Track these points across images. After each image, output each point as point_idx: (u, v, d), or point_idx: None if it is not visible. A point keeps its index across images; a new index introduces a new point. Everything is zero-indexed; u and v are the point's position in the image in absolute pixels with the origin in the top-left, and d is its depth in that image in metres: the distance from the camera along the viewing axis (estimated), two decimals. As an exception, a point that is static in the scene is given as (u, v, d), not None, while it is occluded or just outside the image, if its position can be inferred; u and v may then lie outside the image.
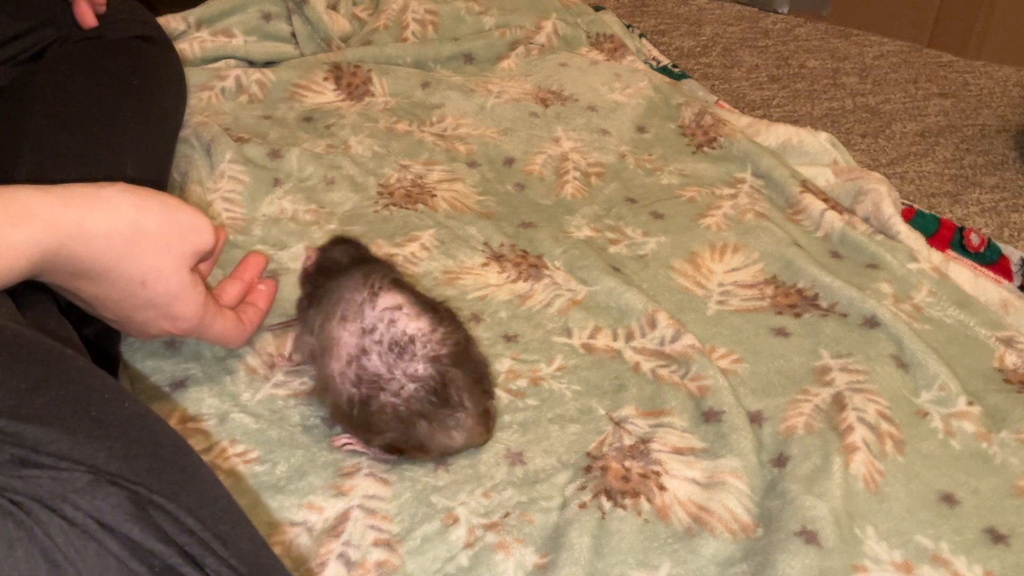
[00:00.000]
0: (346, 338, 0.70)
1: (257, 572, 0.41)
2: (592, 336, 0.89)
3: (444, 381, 0.69)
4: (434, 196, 1.08)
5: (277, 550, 0.66)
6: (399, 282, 0.73)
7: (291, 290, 0.91)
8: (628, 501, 0.71)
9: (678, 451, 0.76)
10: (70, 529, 0.35)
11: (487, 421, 0.74)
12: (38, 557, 0.34)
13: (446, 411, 0.70)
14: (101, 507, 0.36)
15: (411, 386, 0.68)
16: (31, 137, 0.85)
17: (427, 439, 0.71)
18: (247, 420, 0.76)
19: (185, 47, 1.29)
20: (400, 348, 0.69)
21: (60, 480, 0.36)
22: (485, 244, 1.00)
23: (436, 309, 0.72)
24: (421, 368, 0.69)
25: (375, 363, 0.69)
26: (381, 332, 0.69)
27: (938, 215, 1.16)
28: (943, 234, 1.12)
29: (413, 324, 0.69)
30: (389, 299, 0.70)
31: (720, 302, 0.95)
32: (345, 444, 0.74)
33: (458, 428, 0.71)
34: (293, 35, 1.39)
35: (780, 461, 0.76)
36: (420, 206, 1.06)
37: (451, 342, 0.70)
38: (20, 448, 0.37)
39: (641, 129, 1.27)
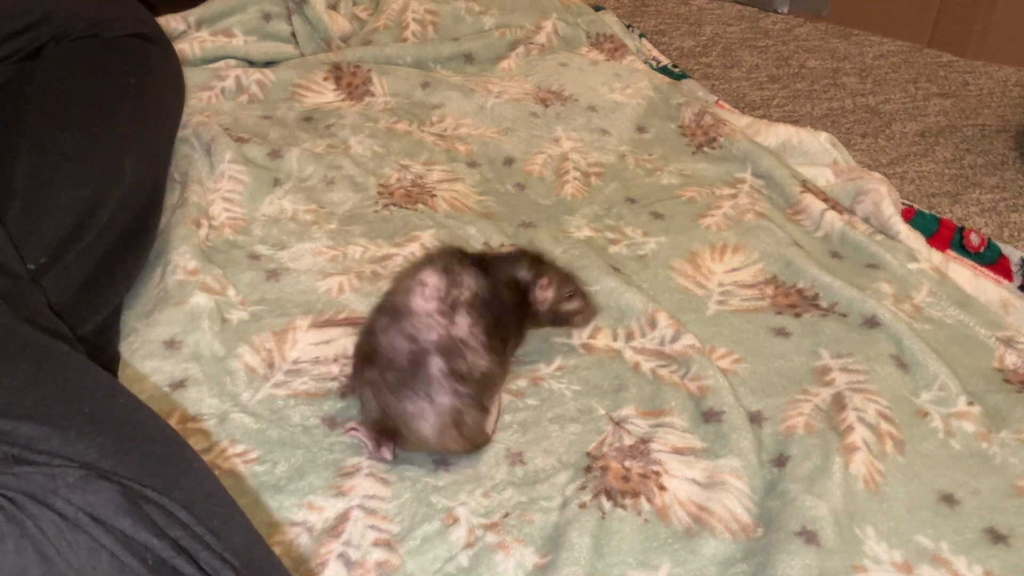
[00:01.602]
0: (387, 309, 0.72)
1: (251, 566, 0.41)
2: (592, 336, 0.89)
3: (417, 363, 0.67)
4: (434, 196, 1.08)
5: (277, 550, 0.66)
6: (449, 269, 0.71)
7: (292, 289, 0.91)
8: (628, 501, 0.71)
9: (678, 451, 0.76)
10: (62, 523, 0.35)
11: (459, 428, 0.70)
12: (29, 550, 0.34)
13: (408, 394, 0.68)
14: (93, 501, 0.36)
15: (386, 358, 0.68)
16: (28, 136, 0.85)
17: (398, 420, 0.69)
18: (247, 420, 0.76)
19: (185, 47, 1.29)
20: (392, 315, 0.69)
21: (52, 476, 0.36)
22: (485, 244, 1.00)
23: (473, 305, 0.69)
24: (398, 341, 0.68)
25: (379, 332, 0.69)
26: (395, 299, 0.70)
27: (938, 215, 1.16)
28: (943, 234, 1.12)
29: (419, 301, 0.68)
30: (426, 274, 0.70)
31: (720, 302, 0.95)
32: (350, 430, 0.74)
33: (421, 419, 0.68)
34: (293, 35, 1.39)
35: (780, 461, 0.76)
36: (420, 206, 1.06)
37: (444, 330, 0.67)
38: (12, 446, 0.37)
39: (641, 129, 1.27)
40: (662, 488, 0.73)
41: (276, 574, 0.45)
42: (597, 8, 1.61)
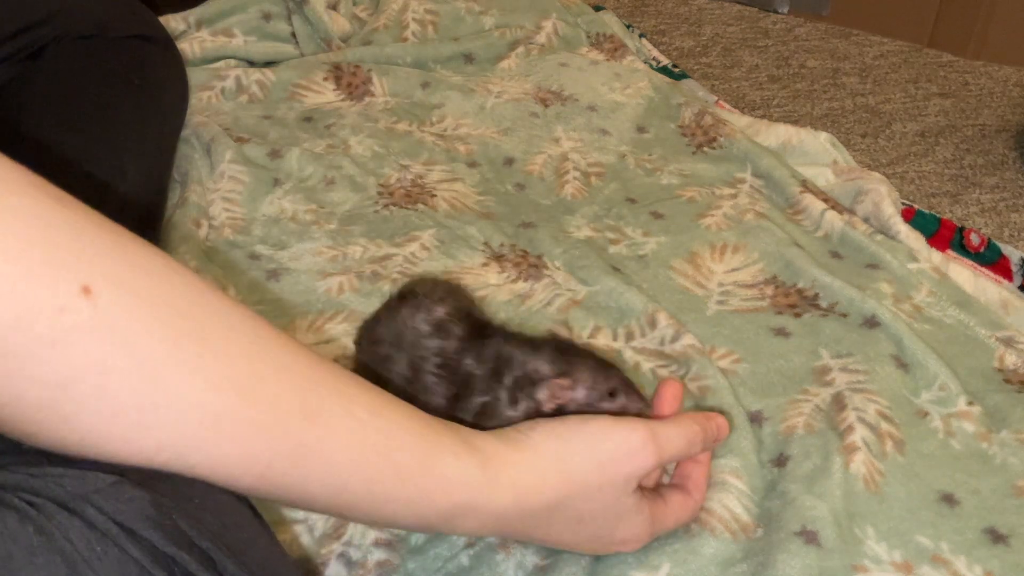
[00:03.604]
0: None
1: None
2: (592, 336, 0.89)
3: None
4: (434, 196, 1.08)
5: (277, 550, 0.66)
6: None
7: (292, 289, 0.91)
8: (628, 501, 0.71)
9: (678, 451, 0.76)
10: (91, 533, 0.34)
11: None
12: (59, 563, 0.33)
13: None
14: (123, 510, 0.35)
15: None
16: (30, 137, 0.85)
17: None
18: (247, 420, 0.76)
19: (185, 47, 1.29)
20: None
21: (83, 480, 0.35)
22: (485, 244, 1.00)
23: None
24: None
25: None
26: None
27: (938, 215, 1.16)
28: (943, 234, 1.12)
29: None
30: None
31: (720, 302, 0.95)
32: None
33: None
34: (293, 35, 1.39)
35: (780, 461, 0.76)
36: (420, 206, 1.06)
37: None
38: None
39: (641, 129, 1.27)
40: (662, 488, 0.72)
41: None
42: (597, 8, 1.61)
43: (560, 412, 0.63)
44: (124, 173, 0.88)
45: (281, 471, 0.41)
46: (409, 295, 0.68)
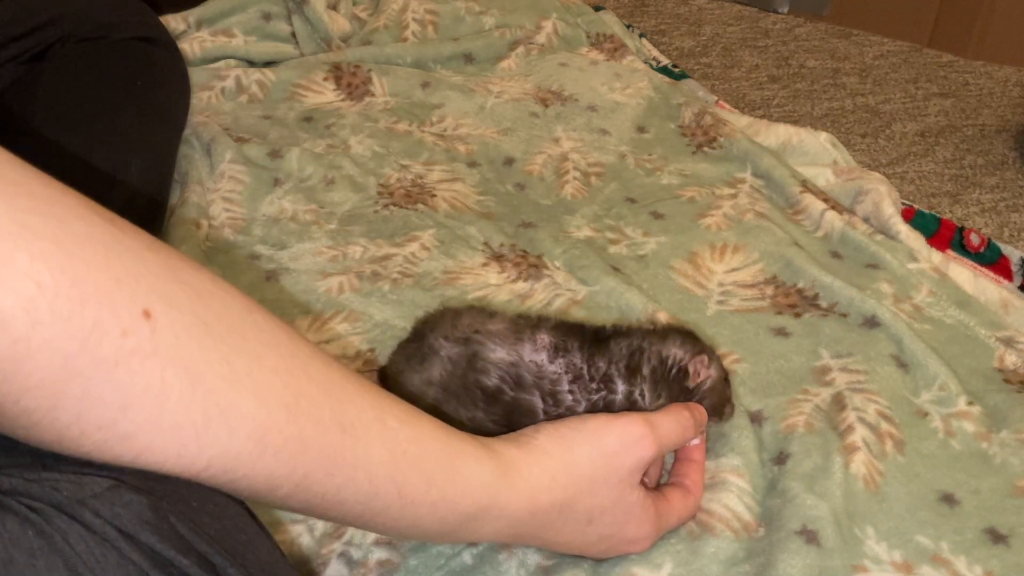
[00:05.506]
0: None
1: None
2: (592, 336, 0.89)
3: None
4: (434, 196, 1.08)
5: (278, 550, 0.66)
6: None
7: (292, 289, 0.91)
8: (629, 501, 0.71)
9: (679, 451, 0.76)
10: (90, 537, 0.34)
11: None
12: (60, 567, 0.33)
13: None
14: (121, 514, 0.35)
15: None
16: (34, 138, 0.85)
17: None
18: (248, 420, 0.76)
19: (185, 47, 1.29)
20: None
21: (80, 484, 0.35)
22: (485, 244, 1.00)
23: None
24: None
25: None
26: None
27: (938, 215, 1.16)
28: (943, 234, 1.12)
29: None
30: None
31: (720, 302, 0.95)
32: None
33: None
34: (293, 35, 1.39)
35: (780, 459, 0.76)
36: (420, 206, 1.06)
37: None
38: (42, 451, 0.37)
39: (641, 129, 1.27)
40: (663, 488, 0.72)
41: None
42: (597, 8, 1.61)
43: (699, 391, 0.67)
44: (128, 173, 0.88)
45: (317, 480, 0.42)
46: (467, 341, 0.67)
